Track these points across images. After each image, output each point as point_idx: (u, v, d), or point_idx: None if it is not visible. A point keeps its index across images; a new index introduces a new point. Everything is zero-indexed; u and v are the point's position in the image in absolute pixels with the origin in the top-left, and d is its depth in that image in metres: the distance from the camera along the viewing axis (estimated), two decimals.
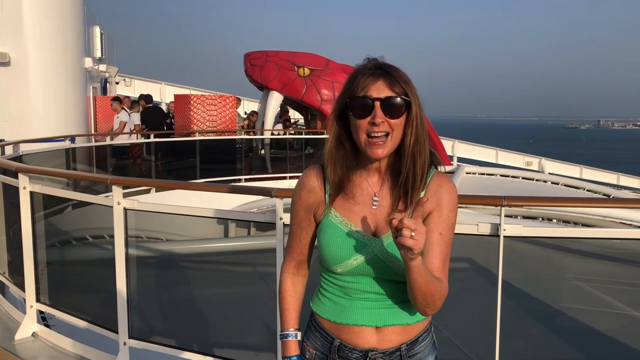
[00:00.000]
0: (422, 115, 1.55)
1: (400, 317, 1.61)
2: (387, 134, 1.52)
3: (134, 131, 12.38)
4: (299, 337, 1.74)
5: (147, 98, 13.78)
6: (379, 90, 1.51)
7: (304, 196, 1.67)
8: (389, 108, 1.50)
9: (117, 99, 13.44)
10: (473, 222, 2.64)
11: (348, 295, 1.63)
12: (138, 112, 12.92)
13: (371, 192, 1.61)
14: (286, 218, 2.83)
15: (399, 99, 1.51)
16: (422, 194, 1.59)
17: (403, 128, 1.53)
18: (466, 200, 3.83)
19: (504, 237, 2.59)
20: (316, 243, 1.72)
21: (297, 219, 1.72)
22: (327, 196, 1.64)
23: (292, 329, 1.74)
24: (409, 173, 1.55)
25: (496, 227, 2.60)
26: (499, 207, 2.62)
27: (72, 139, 10.02)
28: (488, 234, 2.62)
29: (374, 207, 1.60)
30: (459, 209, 1.68)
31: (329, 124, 1.70)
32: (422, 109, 1.56)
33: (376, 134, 1.51)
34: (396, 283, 1.59)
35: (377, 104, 1.50)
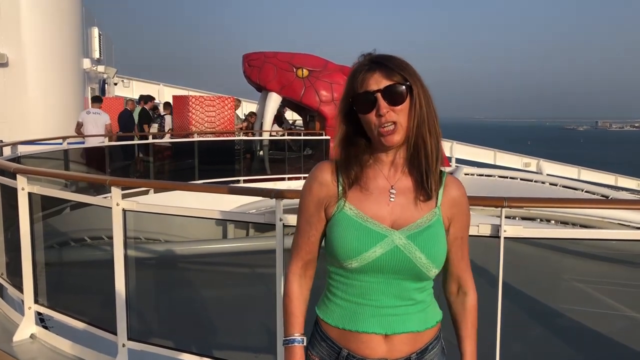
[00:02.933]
0: (426, 96, 1.56)
1: (410, 325, 1.58)
2: (395, 122, 1.53)
3: (167, 132, 12.92)
4: (304, 343, 1.66)
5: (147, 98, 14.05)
6: (378, 82, 1.52)
7: (316, 190, 1.62)
8: (391, 96, 1.52)
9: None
10: (473, 223, 2.63)
11: (359, 298, 1.57)
12: (169, 114, 13.57)
13: (387, 185, 1.59)
14: (286, 219, 2.82)
15: (398, 86, 1.52)
16: (440, 193, 1.61)
17: (409, 112, 1.54)
18: None
19: (505, 238, 2.58)
20: (322, 244, 1.68)
21: (306, 215, 1.65)
22: (340, 189, 1.59)
23: (297, 334, 1.65)
24: (420, 153, 1.56)
25: (497, 228, 2.59)
26: (498, 208, 2.62)
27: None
28: (488, 235, 2.61)
29: (391, 199, 1.58)
30: None
31: (329, 125, 1.71)
32: (427, 90, 1.57)
33: (386, 125, 1.52)
34: (411, 283, 1.56)
35: (379, 95, 1.51)
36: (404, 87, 1.52)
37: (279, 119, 15.64)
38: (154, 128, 13.26)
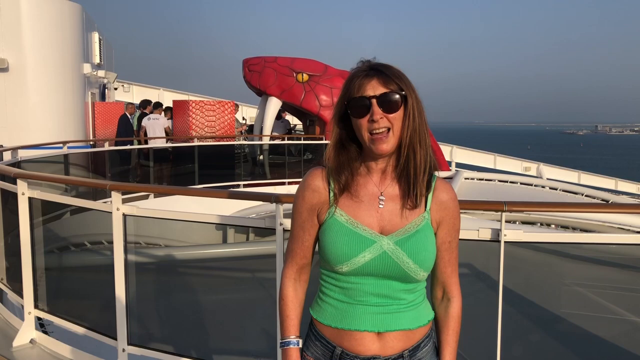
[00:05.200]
0: (419, 107, 1.60)
1: (402, 323, 1.61)
2: (388, 129, 1.56)
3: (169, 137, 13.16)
4: (300, 345, 1.70)
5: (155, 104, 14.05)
6: (374, 88, 1.56)
7: (308, 196, 1.66)
8: (385, 104, 1.55)
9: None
10: (473, 227, 2.63)
11: (350, 298, 1.61)
12: (169, 118, 13.71)
13: (377, 192, 1.63)
14: (286, 224, 2.82)
15: (394, 94, 1.55)
16: (429, 197, 1.63)
17: (402, 121, 1.58)
18: (467, 205, 3.82)
19: (505, 242, 2.58)
20: (316, 249, 1.71)
21: (299, 220, 1.69)
22: (331, 196, 1.63)
23: (293, 337, 1.70)
24: (410, 163, 1.59)
25: (497, 233, 2.60)
26: (498, 213, 2.62)
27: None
28: (489, 239, 2.61)
29: (380, 206, 1.61)
30: None
31: (328, 129, 1.73)
32: (420, 102, 1.60)
33: (377, 131, 1.55)
34: (401, 284, 1.60)
35: (374, 101, 1.55)
36: (399, 95, 1.56)
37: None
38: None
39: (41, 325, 3.99)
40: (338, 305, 1.63)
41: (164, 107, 14.06)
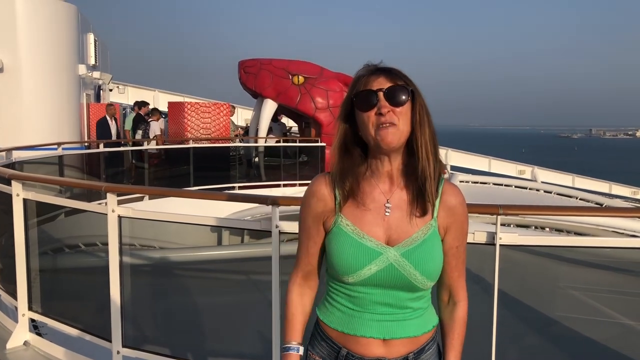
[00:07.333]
0: (426, 108, 1.57)
1: (408, 330, 1.60)
2: (395, 124, 1.52)
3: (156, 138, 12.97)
4: (300, 352, 1.68)
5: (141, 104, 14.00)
6: (381, 83, 1.54)
7: (313, 204, 1.62)
8: (393, 97, 1.52)
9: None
10: (469, 230, 2.63)
11: (358, 306, 1.59)
12: (157, 120, 13.43)
13: (383, 199, 1.58)
14: (282, 226, 2.82)
15: (401, 87, 1.53)
16: (437, 203, 1.59)
17: (410, 119, 1.54)
18: None
19: (500, 245, 2.59)
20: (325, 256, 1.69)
21: (304, 227, 1.67)
22: (337, 204, 1.60)
23: (294, 343, 1.68)
24: (420, 163, 1.55)
25: (492, 236, 2.60)
26: (493, 216, 2.63)
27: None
28: (484, 242, 2.62)
29: (386, 214, 1.57)
30: None
31: (324, 132, 1.71)
32: (426, 104, 1.58)
33: (384, 125, 1.51)
34: (407, 294, 1.58)
35: (381, 94, 1.52)
36: (406, 90, 1.53)
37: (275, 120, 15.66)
38: (139, 134, 13.17)
39: (35, 327, 3.97)
40: (345, 311, 1.62)
41: (150, 107, 14.00)
